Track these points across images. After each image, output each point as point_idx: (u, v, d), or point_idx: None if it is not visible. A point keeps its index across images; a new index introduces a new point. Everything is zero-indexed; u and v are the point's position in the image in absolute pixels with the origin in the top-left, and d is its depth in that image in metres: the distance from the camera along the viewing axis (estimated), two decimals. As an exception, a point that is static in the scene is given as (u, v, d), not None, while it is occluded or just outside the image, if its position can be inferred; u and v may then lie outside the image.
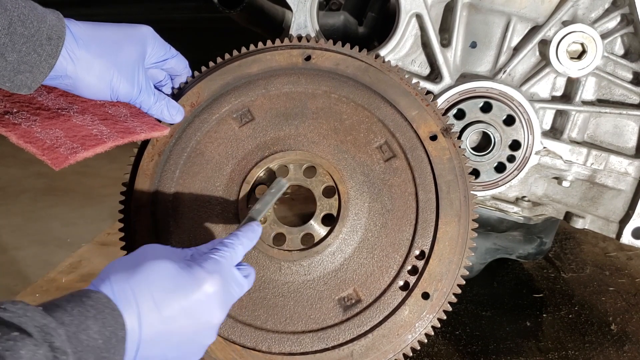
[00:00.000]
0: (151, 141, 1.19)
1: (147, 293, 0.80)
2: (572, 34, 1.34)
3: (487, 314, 1.80)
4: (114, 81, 1.05)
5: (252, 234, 0.98)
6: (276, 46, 1.26)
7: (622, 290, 1.92)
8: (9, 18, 0.94)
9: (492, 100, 1.39)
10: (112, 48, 1.05)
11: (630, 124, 1.43)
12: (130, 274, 0.81)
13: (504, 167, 1.42)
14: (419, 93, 1.19)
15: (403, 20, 1.38)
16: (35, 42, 0.97)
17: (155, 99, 1.12)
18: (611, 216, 1.46)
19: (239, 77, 1.22)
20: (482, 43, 1.43)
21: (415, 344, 1.08)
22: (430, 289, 1.08)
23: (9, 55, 0.95)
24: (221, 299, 0.86)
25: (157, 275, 0.82)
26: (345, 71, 1.20)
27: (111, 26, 1.08)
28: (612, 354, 1.60)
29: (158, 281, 0.82)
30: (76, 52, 1.01)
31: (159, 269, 0.83)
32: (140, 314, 0.78)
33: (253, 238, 0.98)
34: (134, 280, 0.80)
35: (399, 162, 1.14)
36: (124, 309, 0.77)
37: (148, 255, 0.85)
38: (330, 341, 1.08)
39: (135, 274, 0.81)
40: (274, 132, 1.18)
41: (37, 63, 0.98)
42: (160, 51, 1.13)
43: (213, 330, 0.87)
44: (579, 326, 1.72)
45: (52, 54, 0.98)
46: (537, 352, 1.62)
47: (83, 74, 1.02)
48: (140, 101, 1.11)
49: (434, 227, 1.10)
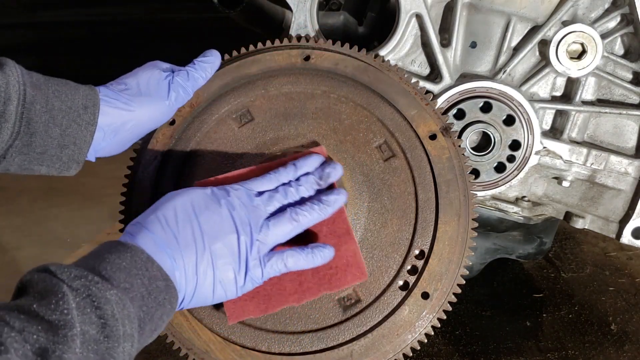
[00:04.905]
0: (151, 142, 1.19)
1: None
2: (572, 34, 1.34)
3: (487, 314, 1.80)
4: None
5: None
6: (275, 46, 1.26)
7: (622, 290, 1.91)
8: (45, 96, 0.99)
9: (492, 100, 1.39)
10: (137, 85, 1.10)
11: (630, 124, 1.43)
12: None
13: (503, 167, 1.42)
14: (418, 92, 1.19)
15: (403, 20, 1.38)
16: (74, 113, 1.01)
17: (182, 93, 1.14)
18: (611, 216, 1.46)
19: (238, 77, 1.22)
20: (482, 43, 1.43)
21: (415, 344, 1.08)
22: (430, 289, 1.08)
23: (52, 131, 1.00)
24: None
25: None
26: (344, 71, 1.20)
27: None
28: (612, 353, 1.60)
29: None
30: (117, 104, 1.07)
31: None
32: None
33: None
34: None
35: (399, 161, 1.14)
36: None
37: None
38: (330, 341, 1.08)
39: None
40: (273, 132, 1.18)
41: (78, 133, 1.02)
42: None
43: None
44: (579, 326, 1.72)
45: (90, 121, 1.03)
46: (537, 352, 1.62)
47: (138, 110, 1.08)
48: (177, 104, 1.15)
49: (433, 226, 1.10)
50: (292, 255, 0.94)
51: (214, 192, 0.92)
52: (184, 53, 1.19)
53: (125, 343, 0.72)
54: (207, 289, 0.88)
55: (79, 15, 4.22)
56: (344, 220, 1.01)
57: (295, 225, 0.94)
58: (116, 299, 0.73)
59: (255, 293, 0.98)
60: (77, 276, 0.71)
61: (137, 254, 0.80)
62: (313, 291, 0.99)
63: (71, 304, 0.68)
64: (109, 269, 0.76)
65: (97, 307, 0.70)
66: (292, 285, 0.99)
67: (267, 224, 0.93)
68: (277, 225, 0.93)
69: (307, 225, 0.96)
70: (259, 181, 0.97)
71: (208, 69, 1.18)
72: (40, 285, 0.69)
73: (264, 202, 0.94)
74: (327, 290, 1.00)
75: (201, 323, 1.09)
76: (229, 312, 0.98)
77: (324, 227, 1.00)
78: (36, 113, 0.98)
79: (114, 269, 0.76)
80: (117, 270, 0.76)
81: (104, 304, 0.71)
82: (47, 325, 0.64)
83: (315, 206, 0.96)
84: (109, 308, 0.71)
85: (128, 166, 1.21)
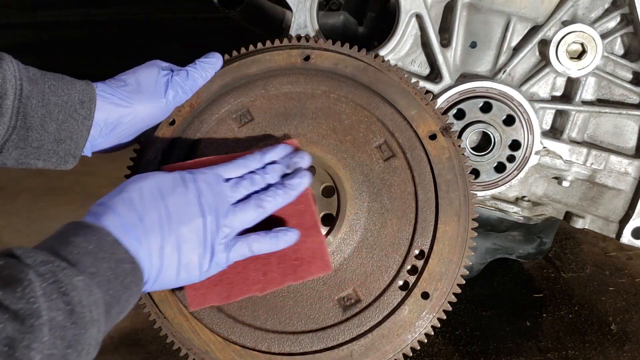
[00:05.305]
0: (151, 142, 1.19)
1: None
2: (572, 34, 1.34)
3: (487, 314, 1.80)
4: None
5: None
6: (275, 46, 1.26)
7: (622, 290, 1.92)
8: (42, 90, 1.00)
9: (492, 100, 1.39)
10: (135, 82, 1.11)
11: (630, 124, 1.43)
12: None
13: (503, 167, 1.42)
14: (418, 92, 1.19)
15: (403, 20, 1.38)
16: (70, 108, 1.02)
17: (180, 92, 1.15)
18: (611, 216, 1.46)
19: (238, 77, 1.22)
20: (482, 43, 1.43)
21: (415, 343, 1.08)
22: (430, 289, 1.08)
23: (49, 125, 1.01)
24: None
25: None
26: (344, 71, 1.20)
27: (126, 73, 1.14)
28: (612, 354, 1.60)
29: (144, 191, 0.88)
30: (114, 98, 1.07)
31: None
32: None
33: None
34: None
35: (398, 161, 1.14)
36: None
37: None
38: (330, 341, 1.08)
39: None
40: (273, 132, 1.18)
41: (75, 128, 1.03)
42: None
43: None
44: (579, 326, 1.72)
45: (87, 116, 1.04)
46: (537, 352, 1.62)
47: (134, 106, 1.08)
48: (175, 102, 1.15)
49: (433, 226, 1.10)
50: (257, 239, 0.95)
51: (182, 175, 0.93)
52: (184, 53, 1.20)
53: (92, 328, 0.73)
54: (172, 271, 0.88)
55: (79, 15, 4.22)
56: (311, 213, 1.02)
57: (261, 211, 0.95)
58: (83, 285, 0.73)
59: (219, 281, 0.98)
60: (44, 261, 0.71)
61: (104, 237, 0.80)
62: (277, 281, 1.00)
63: (37, 291, 0.67)
64: (76, 252, 0.75)
65: (64, 294, 0.70)
66: (256, 274, 0.99)
67: (233, 210, 0.93)
68: (243, 211, 0.94)
69: (272, 210, 0.97)
70: (226, 166, 0.98)
71: (209, 70, 1.18)
72: (5, 272, 0.69)
73: (231, 188, 0.95)
74: (291, 281, 1.00)
75: (201, 323, 1.09)
76: (190, 299, 0.99)
77: (292, 219, 1.01)
78: (32, 108, 0.98)
79: (81, 253, 0.76)
80: (83, 255, 0.76)
81: (70, 290, 0.71)
82: (13, 314, 0.64)
83: (279, 190, 0.97)
84: (76, 294, 0.71)
85: (128, 166, 1.21)
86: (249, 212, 0.94)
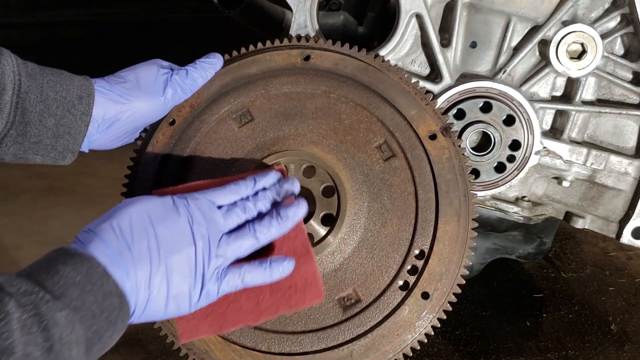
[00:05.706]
0: (151, 142, 1.19)
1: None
2: (572, 34, 1.34)
3: (487, 314, 1.80)
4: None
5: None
6: (275, 46, 1.26)
7: (622, 290, 1.92)
8: (40, 86, 1.00)
9: (492, 100, 1.39)
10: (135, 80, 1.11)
11: (630, 124, 1.43)
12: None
13: (504, 167, 1.42)
14: (418, 92, 1.19)
15: (403, 20, 1.38)
16: (68, 104, 1.02)
17: (179, 91, 1.15)
18: (611, 216, 1.46)
19: (238, 77, 1.22)
20: (482, 43, 1.43)
21: (415, 343, 1.08)
22: (430, 289, 1.08)
23: (47, 121, 1.00)
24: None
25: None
26: (344, 71, 1.20)
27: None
28: (612, 354, 1.60)
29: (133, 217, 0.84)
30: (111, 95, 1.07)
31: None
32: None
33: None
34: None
35: (399, 161, 1.14)
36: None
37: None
38: (330, 341, 1.08)
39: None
40: (273, 132, 1.18)
41: (73, 123, 1.03)
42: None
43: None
44: (579, 326, 1.72)
45: (85, 111, 1.04)
46: (537, 352, 1.62)
47: (132, 102, 1.09)
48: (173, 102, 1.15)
49: (433, 226, 1.10)
50: (250, 270, 0.91)
51: (173, 200, 0.88)
52: (184, 53, 1.20)
53: None
54: (160, 304, 0.83)
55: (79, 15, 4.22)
56: (304, 240, 0.99)
57: (254, 241, 0.92)
58: (65, 321, 0.69)
59: (210, 311, 0.94)
60: (27, 291, 0.68)
61: (94, 267, 0.76)
62: (270, 311, 0.96)
63: (14, 325, 0.64)
64: (62, 283, 0.72)
65: (44, 329, 0.67)
66: (249, 304, 0.95)
67: (226, 239, 0.89)
68: (236, 241, 0.90)
69: (266, 241, 0.94)
70: (219, 191, 0.94)
71: (209, 70, 1.18)
72: None
73: (224, 216, 0.91)
74: (285, 310, 0.97)
75: (201, 323, 1.09)
76: (181, 330, 0.94)
77: (285, 245, 0.98)
78: (31, 103, 0.98)
79: (67, 284, 0.72)
80: (70, 286, 0.72)
81: (52, 327, 0.68)
82: None
83: (274, 221, 0.93)
84: (57, 331, 0.68)
85: (128, 166, 1.21)
86: (243, 243, 0.91)
